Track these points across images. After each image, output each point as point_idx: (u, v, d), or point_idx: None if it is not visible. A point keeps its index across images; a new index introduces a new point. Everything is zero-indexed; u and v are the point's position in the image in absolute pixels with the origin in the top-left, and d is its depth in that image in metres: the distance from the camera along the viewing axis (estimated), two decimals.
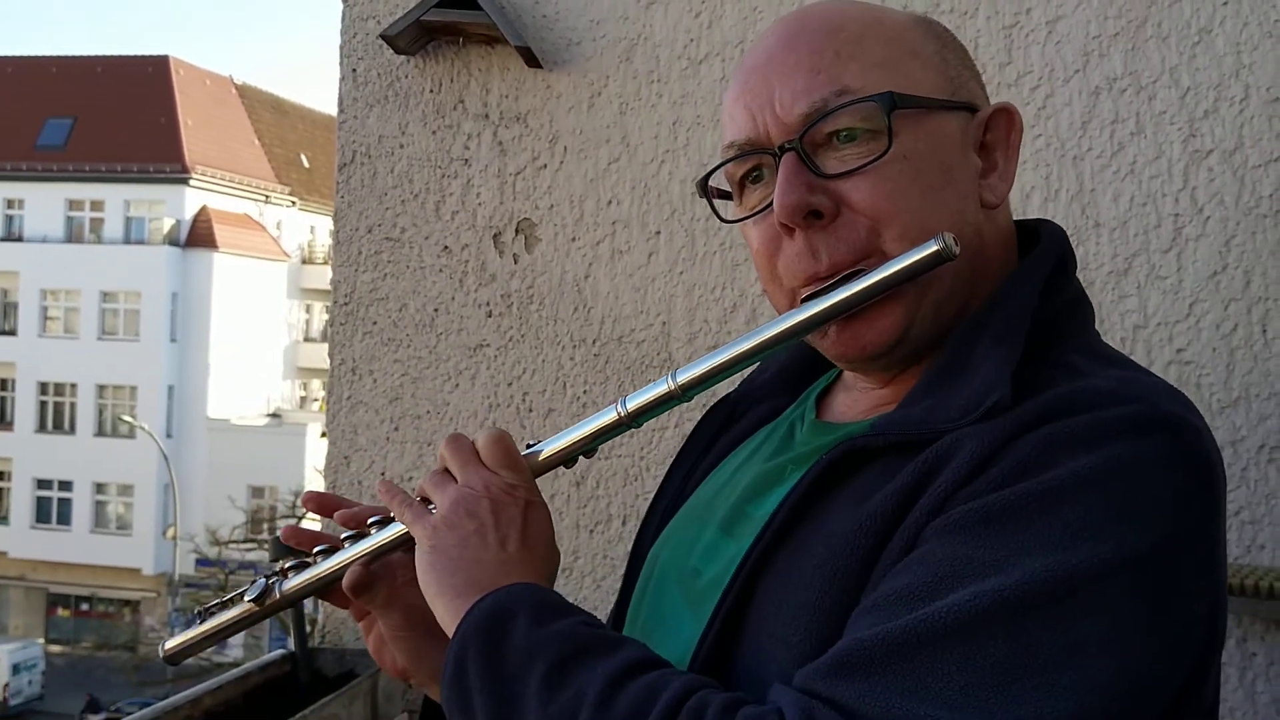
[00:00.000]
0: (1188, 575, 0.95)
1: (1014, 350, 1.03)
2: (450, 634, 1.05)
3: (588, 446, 1.18)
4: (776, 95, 1.09)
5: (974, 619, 0.88)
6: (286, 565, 1.26)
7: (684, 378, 1.13)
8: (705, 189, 1.20)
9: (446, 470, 1.17)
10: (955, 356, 1.06)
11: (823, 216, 1.07)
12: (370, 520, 1.23)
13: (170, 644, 1.30)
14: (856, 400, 1.19)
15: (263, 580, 1.26)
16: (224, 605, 1.28)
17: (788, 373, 1.32)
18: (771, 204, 1.09)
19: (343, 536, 1.24)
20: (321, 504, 1.31)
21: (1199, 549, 0.97)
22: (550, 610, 1.03)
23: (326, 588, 1.25)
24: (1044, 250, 1.13)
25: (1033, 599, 0.88)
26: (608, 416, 1.16)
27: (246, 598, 1.25)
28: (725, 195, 1.20)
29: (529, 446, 1.19)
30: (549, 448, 1.19)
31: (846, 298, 1.06)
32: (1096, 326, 2.16)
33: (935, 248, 1.02)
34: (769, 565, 1.04)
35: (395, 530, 1.20)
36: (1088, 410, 0.96)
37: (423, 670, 1.26)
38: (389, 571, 1.23)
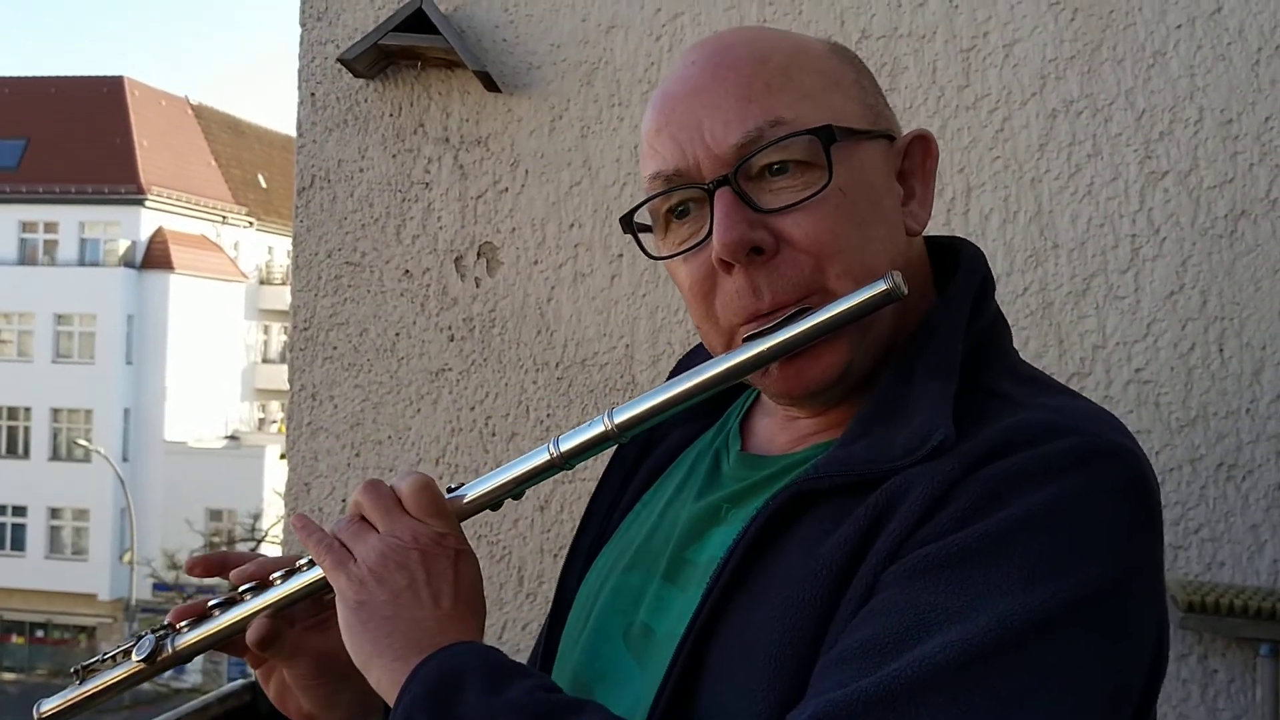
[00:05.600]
0: (1141, 602, 0.96)
1: (949, 383, 1.02)
2: (390, 699, 1.01)
3: (516, 490, 1.13)
4: (706, 126, 1.06)
5: (944, 671, 0.87)
6: (179, 622, 1.19)
7: (621, 418, 1.09)
8: (630, 225, 1.16)
9: (364, 518, 1.10)
10: (891, 391, 1.05)
11: (763, 252, 1.04)
12: (273, 574, 1.17)
13: (46, 706, 1.21)
14: (781, 428, 1.17)
15: (151, 637, 1.18)
16: (108, 663, 1.21)
17: None
18: (702, 240, 1.07)
19: (242, 589, 1.17)
20: (208, 566, 1.23)
21: (1148, 575, 0.98)
22: (502, 674, 0.99)
23: (223, 642, 1.18)
24: (967, 274, 1.13)
25: (1000, 644, 0.88)
26: (539, 458, 1.11)
27: (135, 656, 1.18)
28: (647, 229, 1.16)
29: (450, 490, 1.13)
30: (474, 491, 1.13)
31: (793, 337, 1.04)
32: (1057, 347, 2.20)
33: (885, 287, 1.00)
34: (723, 616, 1.01)
35: (302, 580, 1.14)
36: (1032, 445, 0.96)
37: (332, 716, 1.22)
38: (288, 620, 1.18)
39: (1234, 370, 2.16)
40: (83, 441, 31.47)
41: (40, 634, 32.95)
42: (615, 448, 1.32)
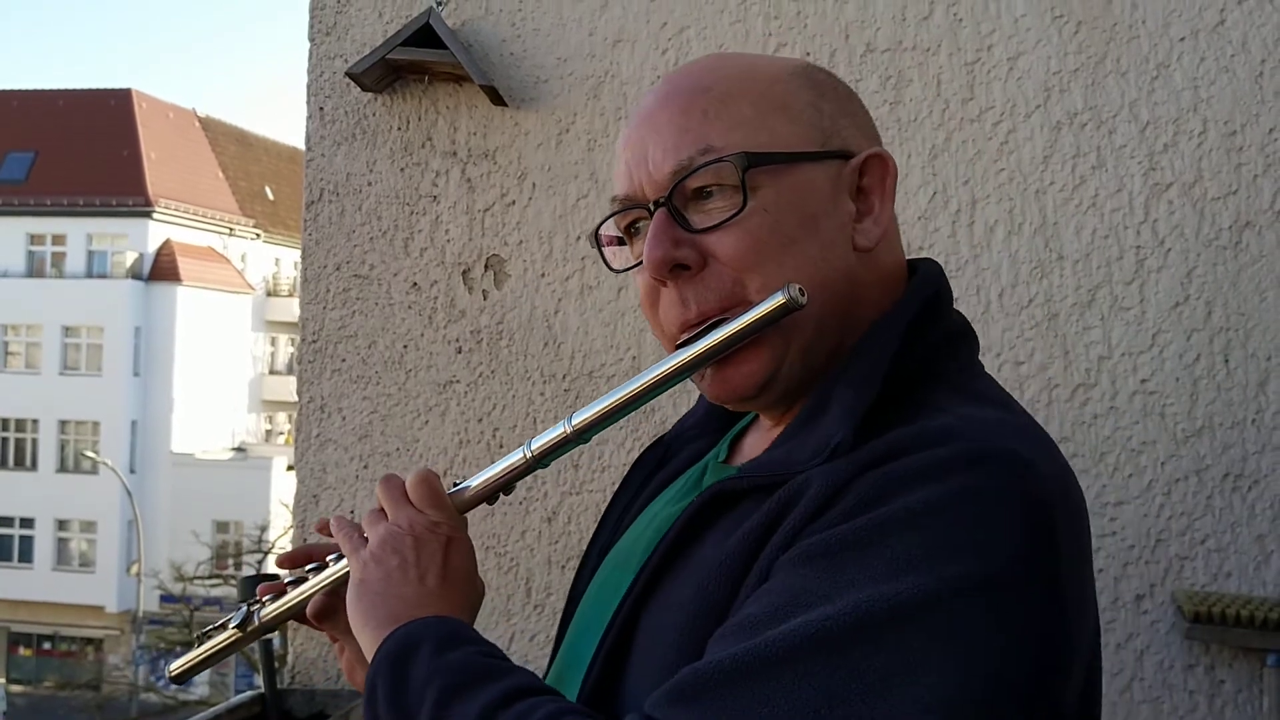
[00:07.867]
0: (1015, 607, 0.97)
1: (865, 393, 1.08)
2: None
3: (503, 484, 1.25)
4: (649, 153, 1.16)
5: (799, 647, 0.94)
6: (265, 596, 1.35)
7: (578, 420, 1.21)
8: (596, 240, 1.27)
9: (382, 509, 1.24)
10: (816, 402, 1.13)
11: (689, 269, 1.13)
12: (329, 556, 1.33)
13: (174, 666, 1.43)
14: (761, 440, 1.24)
15: (244, 608, 1.36)
16: (218, 630, 1.38)
17: (716, 411, 1.37)
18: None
19: (307, 568, 1.34)
20: (295, 560, 1.38)
21: (1028, 582, 0.99)
22: (452, 640, 1.10)
23: (297, 615, 1.34)
24: (911, 293, 1.18)
25: (855, 628, 0.94)
26: (515, 458, 1.24)
27: (231, 624, 1.35)
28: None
29: (454, 486, 1.26)
30: (471, 487, 1.26)
31: (710, 344, 1.13)
32: (1062, 359, 2.21)
33: (781, 299, 1.08)
34: (649, 602, 1.11)
35: (345, 564, 1.28)
36: (926, 448, 1.02)
37: None
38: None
39: (1239, 381, 2.17)
40: (90, 453, 31.45)
41: (48, 646, 32.95)
42: (634, 461, 1.45)
